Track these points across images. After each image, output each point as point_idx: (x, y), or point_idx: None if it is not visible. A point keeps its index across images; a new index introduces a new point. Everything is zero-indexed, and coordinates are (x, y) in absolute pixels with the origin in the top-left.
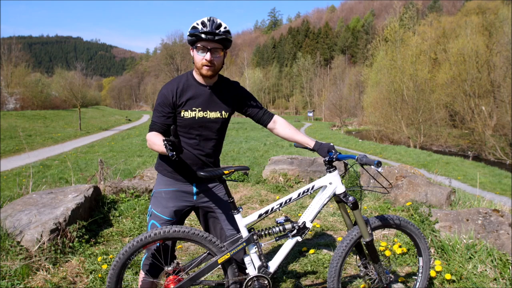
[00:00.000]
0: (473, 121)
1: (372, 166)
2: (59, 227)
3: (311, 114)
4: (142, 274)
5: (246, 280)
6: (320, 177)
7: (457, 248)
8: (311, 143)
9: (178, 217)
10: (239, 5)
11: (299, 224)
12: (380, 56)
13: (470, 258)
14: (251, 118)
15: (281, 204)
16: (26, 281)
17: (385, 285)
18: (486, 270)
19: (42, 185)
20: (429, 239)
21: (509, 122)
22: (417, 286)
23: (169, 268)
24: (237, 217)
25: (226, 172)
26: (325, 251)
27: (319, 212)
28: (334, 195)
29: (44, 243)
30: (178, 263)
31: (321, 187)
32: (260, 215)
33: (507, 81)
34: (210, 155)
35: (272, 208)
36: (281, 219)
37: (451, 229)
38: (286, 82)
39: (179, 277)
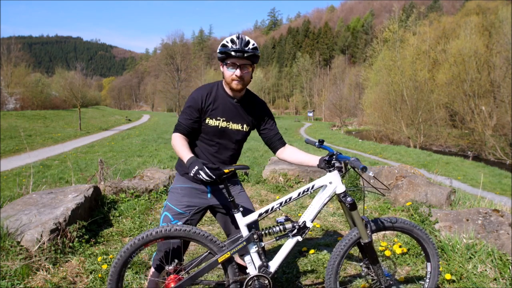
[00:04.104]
0: (473, 121)
1: (357, 170)
2: (59, 227)
3: (311, 114)
4: (152, 270)
5: (247, 280)
6: (320, 177)
7: (457, 248)
8: (315, 163)
9: (190, 214)
10: (239, 5)
11: (300, 224)
12: (380, 57)
13: (470, 258)
14: (263, 139)
15: (281, 204)
16: (26, 281)
17: (383, 287)
18: (486, 270)
19: (42, 185)
20: None
21: (509, 122)
22: None
23: (170, 267)
24: (237, 216)
25: (226, 171)
26: (325, 251)
27: (319, 211)
28: (335, 194)
29: (44, 243)
30: (179, 263)
31: (321, 186)
32: (260, 214)
33: (507, 81)
34: (226, 163)
35: (272, 208)
36: (281, 218)
37: (451, 229)
38: (286, 82)
39: (180, 276)
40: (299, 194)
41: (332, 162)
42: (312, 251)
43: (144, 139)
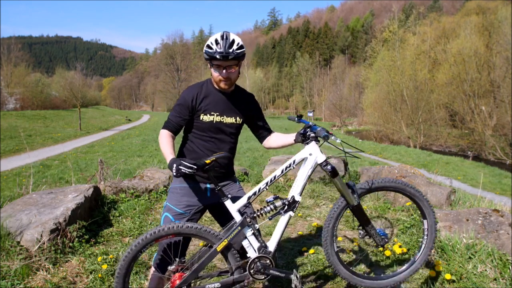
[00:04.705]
0: (473, 121)
1: (320, 137)
2: (59, 227)
3: (311, 114)
4: (152, 270)
5: (249, 263)
6: (319, 177)
7: (457, 248)
8: (291, 140)
9: (191, 214)
10: (239, 5)
11: (289, 199)
12: (380, 56)
13: (470, 258)
14: (252, 130)
15: (267, 183)
16: (26, 281)
17: (379, 246)
18: (486, 270)
19: (42, 185)
20: None
21: (509, 122)
22: (422, 249)
23: (173, 267)
24: (228, 203)
25: (207, 161)
26: None
27: (305, 184)
28: (316, 165)
29: (44, 243)
30: (180, 261)
31: (303, 159)
32: (249, 198)
33: (506, 81)
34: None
35: (260, 189)
36: (270, 198)
37: (451, 229)
38: (286, 82)
39: (185, 273)
40: (282, 171)
41: (307, 134)
42: (312, 251)
43: (144, 139)
